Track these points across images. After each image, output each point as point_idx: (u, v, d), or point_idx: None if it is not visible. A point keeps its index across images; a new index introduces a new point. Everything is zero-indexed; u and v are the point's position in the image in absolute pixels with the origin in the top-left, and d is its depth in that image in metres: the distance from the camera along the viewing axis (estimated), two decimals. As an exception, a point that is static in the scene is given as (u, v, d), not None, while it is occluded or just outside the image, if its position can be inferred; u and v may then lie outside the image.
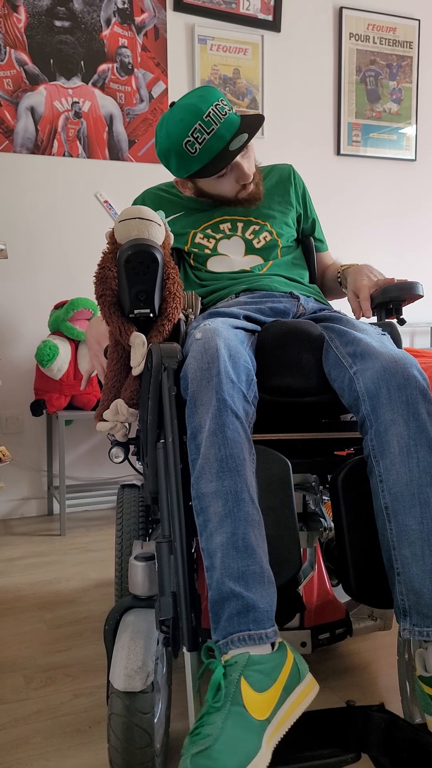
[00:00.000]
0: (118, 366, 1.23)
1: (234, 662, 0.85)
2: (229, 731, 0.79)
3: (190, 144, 1.39)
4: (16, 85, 2.74)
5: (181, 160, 1.42)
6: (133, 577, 1.09)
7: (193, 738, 0.80)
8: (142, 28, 2.93)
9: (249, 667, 0.85)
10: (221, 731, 0.78)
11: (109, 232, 1.19)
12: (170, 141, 1.41)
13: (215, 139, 1.39)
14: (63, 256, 2.87)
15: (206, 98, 1.40)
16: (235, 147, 1.41)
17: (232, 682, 0.83)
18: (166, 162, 1.46)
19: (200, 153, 1.40)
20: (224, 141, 1.40)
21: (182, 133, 1.39)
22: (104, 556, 2.31)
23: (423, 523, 0.95)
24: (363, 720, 0.92)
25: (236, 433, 0.98)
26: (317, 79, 3.29)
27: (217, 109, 1.39)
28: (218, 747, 0.77)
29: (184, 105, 1.40)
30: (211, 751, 0.76)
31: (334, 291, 1.66)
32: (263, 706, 0.84)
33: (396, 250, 3.53)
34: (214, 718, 0.80)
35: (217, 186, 1.48)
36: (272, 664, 0.88)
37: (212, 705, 0.82)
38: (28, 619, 1.77)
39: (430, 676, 0.91)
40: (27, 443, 2.86)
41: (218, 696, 0.82)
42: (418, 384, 1.01)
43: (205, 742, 0.77)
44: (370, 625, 1.42)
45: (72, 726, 1.27)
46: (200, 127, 1.38)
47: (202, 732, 0.79)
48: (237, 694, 0.82)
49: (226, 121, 1.40)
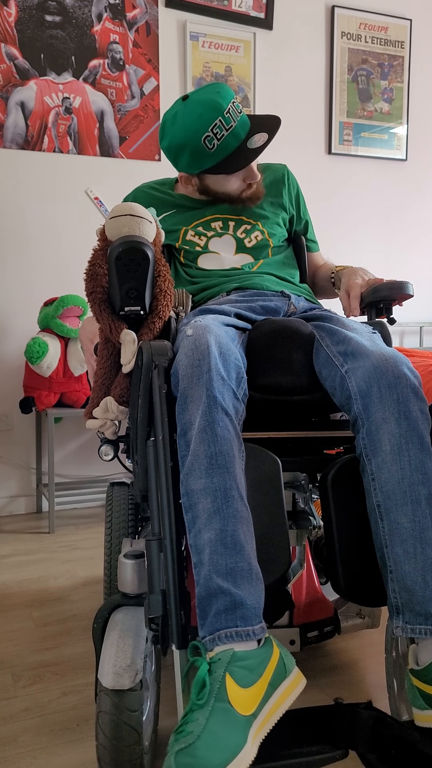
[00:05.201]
0: (108, 363, 1.22)
1: (218, 659, 0.85)
2: (212, 728, 0.79)
3: (209, 140, 1.38)
4: (6, 80, 2.72)
5: (196, 156, 1.41)
6: (123, 575, 1.09)
7: (177, 735, 0.80)
8: (134, 23, 2.91)
9: (234, 663, 0.85)
10: (204, 728, 0.78)
11: (100, 229, 1.18)
12: (187, 136, 1.39)
13: (232, 137, 1.39)
14: (53, 252, 2.86)
15: (223, 95, 1.39)
16: (254, 146, 1.41)
17: (216, 678, 0.83)
18: (176, 157, 1.45)
19: (217, 150, 1.39)
20: (239, 139, 1.40)
21: (202, 128, 1.37)
22: (93, 554, 2.31)
23: (415, 521, 0.95)
24: (351, 717, 0.92)
25: (226, 430, 0.98)
26: (309, 77, 3.29)
27: (234, 107, 1.40)
28: (201, 743, 0.77)
29: (203, 101, 1.38)
30: (193, 748, 0.76)
31: (326, 291, 1.66)
32: (249, 701, 0.84)
33: (386, 250, 3.54)
34: (197, 715, 0.80)
35: (225, 184, 1.48)
36: (257, 660, 0.88)
37: (196, 702, 0.82)
38: (16, 616, 1.77)
39: (420, 669, 0.91)
40: (16, 440, 2.85)
41: (202, 693, 0.82)
42: (409, 382, 1.01)
43: (188, 739, 0.77)
44: (358, 623, 1.42)
45: (60, 724, 1.26)
46: (220, 124, 1.37)
47: (186, 729, 0.79)
48: (222, 690, 0.82)
49: (241, 120, 1.41)
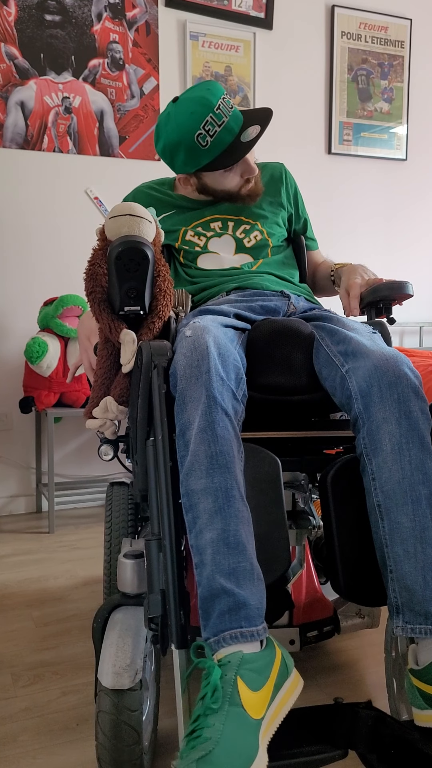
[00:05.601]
0: (107, 363, 1.22)
1: (228, 662, 0.85)
2: (230, 734, 0.78)
3: (202, 137, 1.38)
4: (5, 80, 2.72)
5: (191, 153, 1.41)
6: (122, 574, 1.09)
7: (192, 741, 0.78)
8: (134, 23, 2.91)
9: (243, 666, 0.84)
10: (222, 734, 0.77)
11: (100, 229, 1.18)
12: (180, 134, 1.39)
13: (225, 132, 1.39)
14: (53, 252, 2.86)
15: (213, 91, 1.39)
16: (248, 139, 1.41)
17: (228, 682, 0.82)
18: (171, 157, 1.44)
19: (211, 146, 1.39)
20: (233, 134, 1.40)
21: (194, 125, 1.37)
22: (93, 553, 2.31)
23: (415, 520, 0.95)
24: (350, 717, 0.92)
25: (226, 430, 0.98)
26: (309, 77, 3.29)
27: (225, 103, 1.39)
28: (220, 750, 0.76)
29: (194, 98, 1.38)
30: (213, 755, 0.75)
31: (326, 289, 1.66)
32: (258, 704, 0.83)
33: (386, 250, 3.54)
34: (212, 720, 0.79)
35: (223, 181, 1.48)
36: (264, 662, 0.88)
37: (210, 706, 0.81)
38: (15, 616, 1.77)
39: (419, 669, 0.91)
40: (16, 440, 2.85)
41: (215, 697, 0.81)
42: (409, 382, 1.01)
43: (207, 746, 0.76)
44: (357, 622, 1.42)
45: (60, 724, 1.26)
46: (212, 120, 1.37)
47: (203, 735, 0.78)
48: (234, 694, 0.81)
49: (233, 115, 1.40)
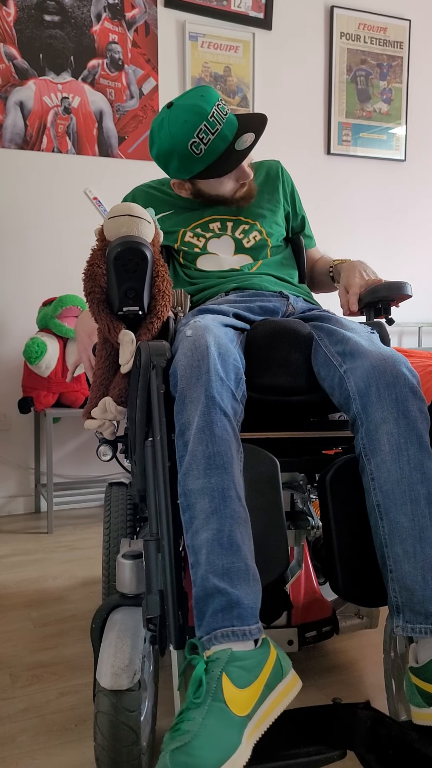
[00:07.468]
0: (106, 363, 1.22)
1: (216, 658, 0.86)
2: (209, 727, 0.79)
3: (195, 145, 1.36)
4: (5, 80, 2.72)
5: (184, 161, 1.40)
6: (121, 575, 1.09)
7: (172, 734, 0.80)
8: (133, 23, 2.91)
9: (231, 663, 0.85)
10: (201, 727, 0.78)
11: (99, 229, 1.18)
12: (173, 143, 1.38)
13: (219, 140, 1.38)
14: (52, 252, 2.85)
15: (207, 98, 1.37)
16: (242, 147, 1.40)
17: (213, 677, 0.83)
18: (165, 164, 1.44)
19: (204, 154, 1.38)
20: (227, 141, 1.39)
21: (187, 134, 1.36)
22: (91, 554, 2.30)
23: (414, 520, 0.95)
24: (349, 717, 0.92)
25: (224, 430, 0.98)
26: (308, 77, 3.29)
27: (219, 109, 1.38)
28: (198, 743, 0.77)
29: (187, 106, 1.37)
30: (190, 746, 0.76)
31: (325, 285, 1.66)
32: (244, 702, 0.84)
33: (385, 250, 3.54)
34: (193, 714, 0.80)
35: (218, 186, 1.47)
36: (255, 661, 0.88)
37: (192, 701, 0.82)
38: (14, 617, 1.77)
39: (419, 667, 0.92)
40: (14, 441, 2.85)
41: (199, 692, 0.82)
42: (407, 382, 1.01)
43: (185, 737, 0.77)
44: (356, 623, 1.43)
45: (58, 724, 1.26)
46: (205, 128, 1.35)
47: (182, 728, 0.79)
48: (218, 690, 0.82)
49: (227, 121, 1.39)
